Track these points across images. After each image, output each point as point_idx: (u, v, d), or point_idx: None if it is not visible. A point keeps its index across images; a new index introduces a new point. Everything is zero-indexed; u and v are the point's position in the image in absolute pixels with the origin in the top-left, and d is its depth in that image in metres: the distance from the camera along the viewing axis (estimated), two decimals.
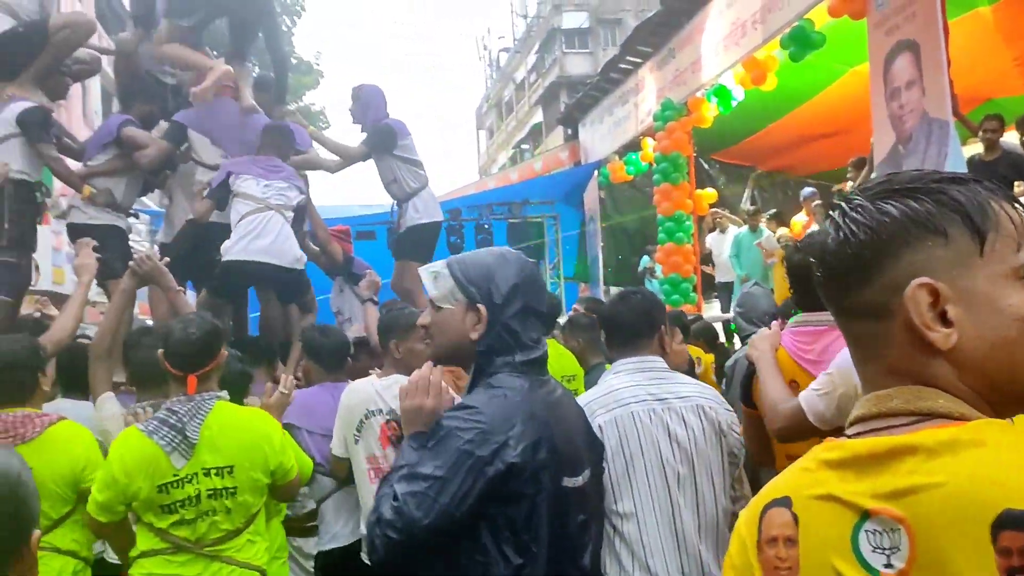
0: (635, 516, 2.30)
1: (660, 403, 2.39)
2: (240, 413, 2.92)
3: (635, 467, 2.32)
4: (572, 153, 14.96)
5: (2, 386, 2.87)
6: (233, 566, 2.73)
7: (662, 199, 10.05)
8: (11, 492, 1.13)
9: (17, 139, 4.73)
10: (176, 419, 2.69)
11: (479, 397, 1.83)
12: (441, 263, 1.92)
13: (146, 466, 2.65)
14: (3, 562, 1.12)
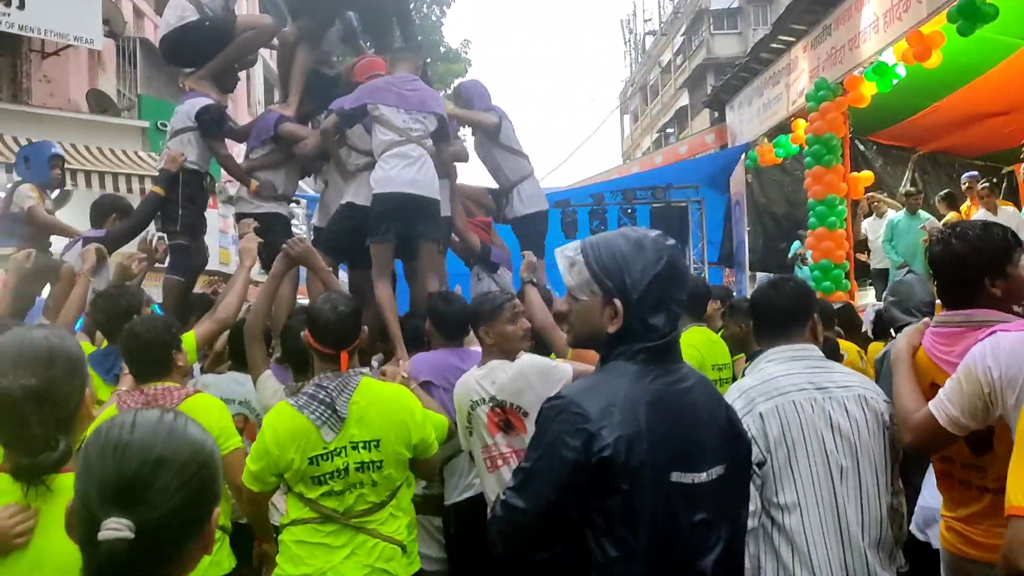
0: (798, 508, 2.23)
1: (821, 392, 2.33)
2: (385, 388, 3.01)
3: (798, 457, 2.25)
4: (718, 136, 14.64)
5: (141, 364, 3.05)
6: (377, 539, 2.82)
7: (814, 182, 9.70)
8: (202, 467, 1.19)
9: (192, 132, 5.14)
10: (325, 394, 2.80)
11: (581, 385, 1.81)
12: (575, 247, 1.86)
13: (298, 439, 2.76)
14: (187, 536, 1.17)
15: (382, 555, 2.83)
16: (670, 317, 1.80)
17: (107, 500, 1.09)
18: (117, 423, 1.17)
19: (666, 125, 38.17)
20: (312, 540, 2.79)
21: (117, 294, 3.82)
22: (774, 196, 12.86)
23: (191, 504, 1.15)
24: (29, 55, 12.93)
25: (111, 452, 1.13)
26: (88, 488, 1.11)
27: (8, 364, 1.65)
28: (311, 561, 2.76)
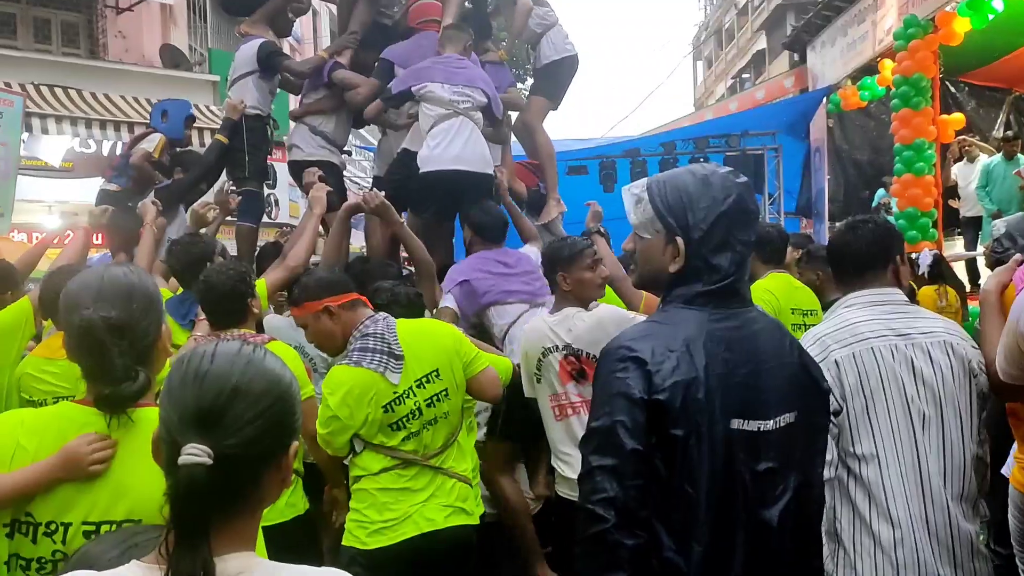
0: (876, 458, 2.14)
1: (902, 339, 2.22)
2: (418, 323, 3.07)
3: (876, 406, 2.17)
4: (798, 79, 14.11)
5: (217, 311, 3.09)
6: (454, 479, 2.90)
7: (901, 126, 9.29)
8: (279, 399, 1.20)
9: (251, 76, 5.15)
10: (376, 340, 2.83)
11: (638, 330, 1.76)
12: (642, 184, 1.82)
13: (365, 393, 2.78)
14: (263, 466, 1.18)
15: (459, 495, 2.90)
16: (735, 258, 1.73)
17: (187, 426, 1.13)
18: (199, 353, 1.20)
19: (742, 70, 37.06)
20: (395, 486, 2.83)
21: (191, 242, 3.87)
22: (857, 142, 12.39)
23: (267, 435, 1.17)
24: (104, 11, 13.19)
25: (191, 380, 1.16)
26: (170, 414, 1.15)
27: (90, 297, 1.71)
28: (396, 506, 2.80)
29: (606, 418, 1.64)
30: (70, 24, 13.10)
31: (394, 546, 2.76)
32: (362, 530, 2.79)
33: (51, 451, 1.66)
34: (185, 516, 1.09)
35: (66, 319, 1.74)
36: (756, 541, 1.64)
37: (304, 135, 5.21)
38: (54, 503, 1.63)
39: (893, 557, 2.08)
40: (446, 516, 2.84)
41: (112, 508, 1.64)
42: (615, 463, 1.61)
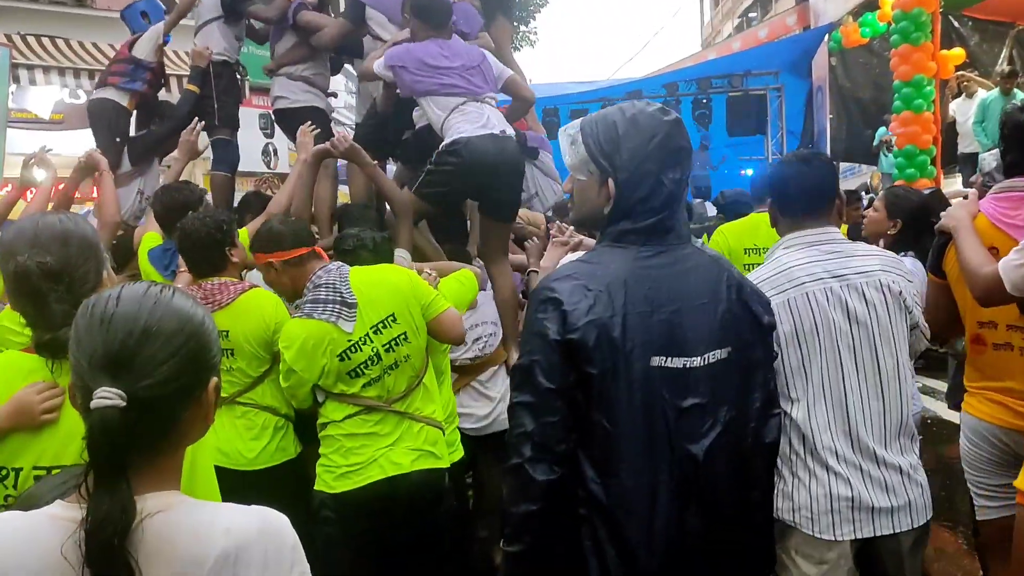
0: (804, 402, 2.14)
1: (838, 280, 2.18)
2: (371, 270, 3.00)
3: (809, 352, 2.15)
4: (800, 17, 13.86)
5: (196, 261, 3.10)
6: (421, 423, 2.87)
7: (900, 62, 9.13)
8: (192, 337, 1.19)
9: (216, 22, 5.03)
10: (328, 291, 2.82)
11: (563, 271, 1.77)
12: (577, 125, 1.82)
13: (319, 345, 2.76)
14: (181, 404, 1.18)
15: (427, 438, 2.88)
16: (665, 195, 1.73)
17: (97, 371, 1.12)
18: (104, 297, 1.19)
19: (748, 9, 36.36)
20: (361, 431, 2.83)
21: (175, 188, 3.82)
22: (860, 80, 12.18)
23: (182, 373, 1.16)
24: None
25: (97, 324, 1.15)
26: (79, 360, 1.14)
27: (25, 244, 1.71)
28: (362, 451, 2.80)
29: (526, 357, 1.68)
30: None
31: (359, 489, 2.76)
32: (329, 474, 2.81)
33: (1, 397, 1.67)
34: (101, 458, 1.08)
35: (3, 267, 1.75)
36: (683, 475, 1.66)
37: (284, 84, 5.10)
38: (5, 450, 1.66)
39: (828, 491, 2.09)
40: (413, 460, 2.82)
41: (62, 452, 1.66)
42: (531, 400, 1.64)
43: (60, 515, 1.10)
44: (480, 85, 3.96)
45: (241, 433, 3.02)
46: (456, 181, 3.86)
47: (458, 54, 4.02)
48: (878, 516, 2.10)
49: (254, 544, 1.12)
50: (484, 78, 4.00)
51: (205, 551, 1.09)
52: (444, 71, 3.95)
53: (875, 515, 2.10)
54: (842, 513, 2.09)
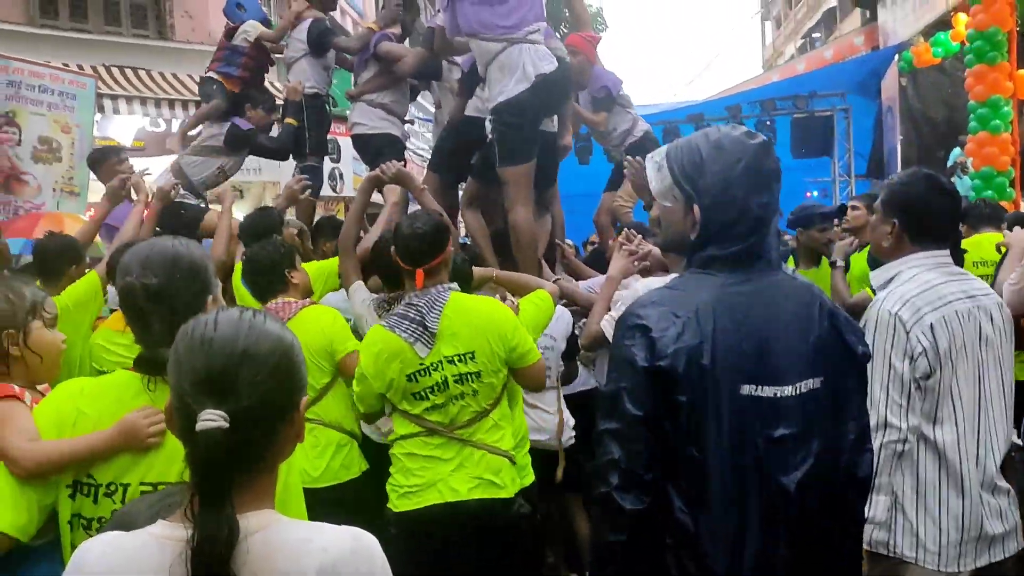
0: (954, 423, 2.16)
1: (971, 300, 2.23)
2: (475, 302, 3.02)
3: (957, 370, 2.18)
4: (869, 37, 13.66)
5: (259, 284, 3.33)
6: (483, 450, 2.85)
7: (975, 82, 8.94)
8: (284, 357, 1.24)
9: (305, 58, 5.27)
10: (415, 312, 2.84)
11: (649, 296, 1.74)
12: (663, 151, 1.80)
13: (393, 358, 2.82)
14: (277, 423, 1.23)
15: (489, 466, 2.86)
16: (752, 221, 1.69)
17: (200, 393, 1.16)
18: (202, 321, 1.24)
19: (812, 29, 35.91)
20: (422, 453, 2.86)
21: (259, 216, 4.10)
22: (931, 100, 11.96)
23: (277, 392, 1.21)
24: None
25: (198, 347, 1.20)
26: (181, 383, 1.19)
27: (136, 264, 1.80)
28: (422, 473, 2.84)
29: (613, 384, 1.66)
30: (138, 6, 13.42)
31: (418, 511, 2.79)
32: (393, 492, 2.86)
33: (110, 416, 1.74)
34: (208, 480, 1.12)
35: (117, 285, 1.84)
36: (773, 506, 1.63)
37: (364, 110, 5.29)
38: (114, 466, 1.72)
39: (960, 522, 2.09)
40: (471, 488, 2.81)
41: (168, 470, 1.72)
42: (619, 427, 1.63)
43: (165, 535, 1.14)
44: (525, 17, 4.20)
45: (306, 451, 3.09)
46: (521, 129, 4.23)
47: None
48: (994, 543, 2.11)
49: (348, 563, 1.16)
50: (532, 10, 4.23)
51: (303, 569, 1.13)
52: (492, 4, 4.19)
53: (992, 542, 2.11)
54: (968, 543, 2.09)
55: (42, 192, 7.84)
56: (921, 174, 2.43)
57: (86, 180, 8.36)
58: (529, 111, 4.23)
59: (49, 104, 7.98)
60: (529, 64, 4.17)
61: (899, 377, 2.14)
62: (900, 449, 2.14)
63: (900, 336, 2.16)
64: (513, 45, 4.19)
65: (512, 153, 4.28)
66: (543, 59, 4.23)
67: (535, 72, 4.15)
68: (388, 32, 5.26)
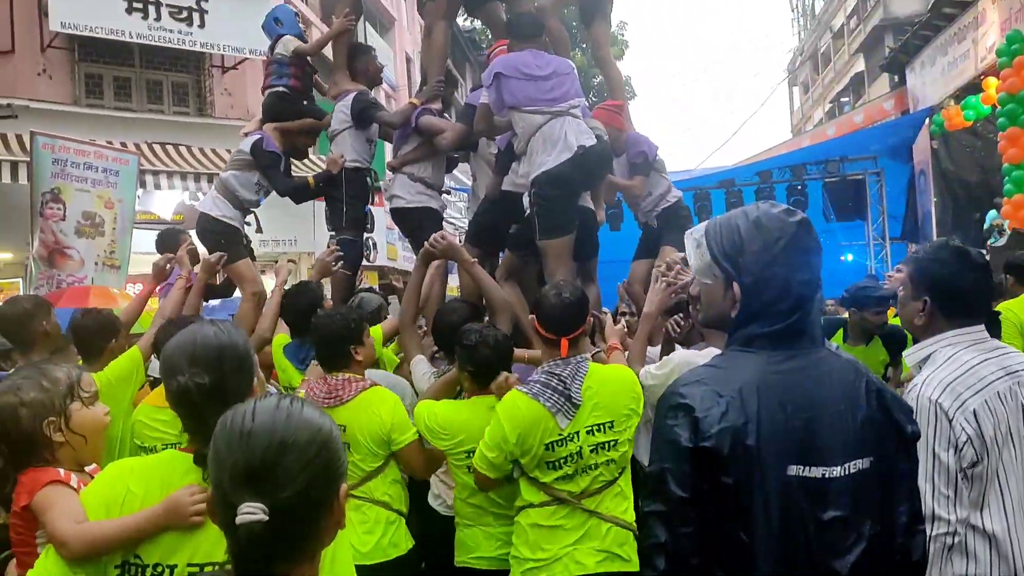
0: (1001, 505, 2.06)
1: (1012, 377, 2.13)
2: (612, 371, 3.08)
3: (1004, 455, 2.08)
4: (898, 102, 13.69)
5: (324, 356, 3.29)
6: (609, 523, 2.85)
7: (1009, 145, 8.90)
8: (323, 447, 1.24)
9: (348, 130, 5.31)
10: (558, 381, 2.87)
11: (692, 375, 1.71)
12: (701, 228, 1.79)
13: (535, 426, 2.84)
14: (318, 512, 1.23)
15: (615, 539, 2.85)
16: (795, 299, 1.67)
17: (239, 485, 1.16)
18: (239, 412, 1.25)
19: (840, 94, 36.15)
20: (547, 523, 2.86)
21: (297, 293, 4.12)
22: (964, 163, 11.88)
23: (317, 482, 1.21)
24: (211, 70, 13.91)
25: (236, 440, 1.20)
26: (221, 475, 1.19)
27: (184, 362, 1.80)
28: (547, 546, 2.83)
29: (657, 464, 1.63)
30: (180, 85, 13.86)
31: None
32: (519, 567, 2.85)
33: (157, 496, 1.75)
34: (249, 572, 1.13)
35: (165, 380, 1.84)
36: None
37: (403, 183, 5.33)
38: (161, 547, 1.72)
39: None
40: (598, 562, 2.80)
41: (214, 550, 1.72)
42: (664, 510, 1.60)
43: None
44: (568, 91, 4.39)
45: (355, 526, 3.07)
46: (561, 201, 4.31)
47: (549, 63, 4.50)
48: None
49: None
50: (574, 84, 4.44)
51: None
52: (536, 80, 4.40)
53: None
54: None
55: (84, 266, 8.02)
56: (950, 248, 2.34)
57: (127, 254, 8.56)
58: (569, 183, 4.30)
59: (93, 180, 8.21)
60: (572, 136, 4.27)
61: (944, 468, 2.05)
62: (950, 542, 2.05)
63: (943, 425, 2.06)
64: (556, 118, 4.31)
65: (552, 225, 4.34)
66: (584, 133, 4.32)
67: (577, 143, 4.23)
68: (430, 106, 5.37)
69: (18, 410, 2.07)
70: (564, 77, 4.39)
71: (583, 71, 21.83)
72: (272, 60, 5.64)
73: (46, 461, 2.10)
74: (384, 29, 22.53)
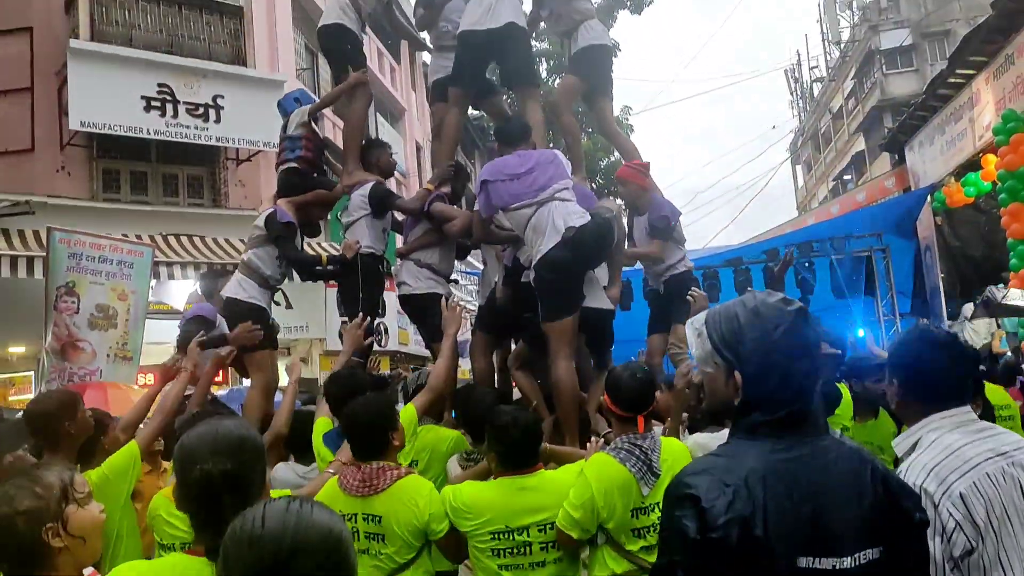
0: None
1: (1004, 458, 2.08)
2: (680, 445, 3.28)
3: (1003, 539, 2.02)
4: (899, 179, 13.85)
5: (359, 443, 3.21)
6: None
7: (1011, 220, 8.95)
8: (334, 551, 1.26)
9: (365, 218, 5.40)
10: (640, 452, 3.04)
11: (697, 465, 1.73)
12: (702, 318, 1.83)
13: (622, 490, 2.99)
14: None
15: None
16: (796, 387, 1.68)
17: None
18: (249, 517, 1.26)
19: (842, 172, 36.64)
20: None
21: (343, 376, 4.11)
22: (969, 238, 11.94)
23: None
24: (225, 163, 14.24)
25: (246, 546, 1.22)
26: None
27: (207, 451, 1.83)
28: None
29: (665, 557, 1.64)
30: (195, 177, 14.17)
31: None
32: None
33: None
34: None
35: (184, 470, 1.84)
36: None
37: (411, 270, 5.40)
38: None
39: None
40: None
41: None
42: None
43: None
44: (551, 177, 4.52)
45: None
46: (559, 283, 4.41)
47: (531, 157, 4.67)
48: None
49: None
50: (557, 169, 4.57)
51: None
52: (520, 177, 4.56)
53: None
54: None
55: (96, 358, 8.08)
56: (915, 332, 2.37)
57: (139, 345, 8.62)
58: (565, 265, 4.38)
59: (108, 273, 8.33)
60: (559, 219, 4.38)
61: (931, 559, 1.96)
62: None
63: (929, 511, 1.98)
64: (543, 206, 4.43)
65: (553, 307, 4.41)
66: (573, 214, 4.42)
67: (564, 225, 4.34)
68: (442, 192, 5.48)
69: (14, 520, 1.98)
70: (547, 165, 4.55)
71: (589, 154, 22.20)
72: (285, 137, 5.78)
73: (47, 569, 2.03)
74: (395, 119, 23.10)
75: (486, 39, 5.36)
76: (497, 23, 5.29)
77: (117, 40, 12.68)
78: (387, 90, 21.81)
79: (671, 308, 5.59)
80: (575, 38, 5.94)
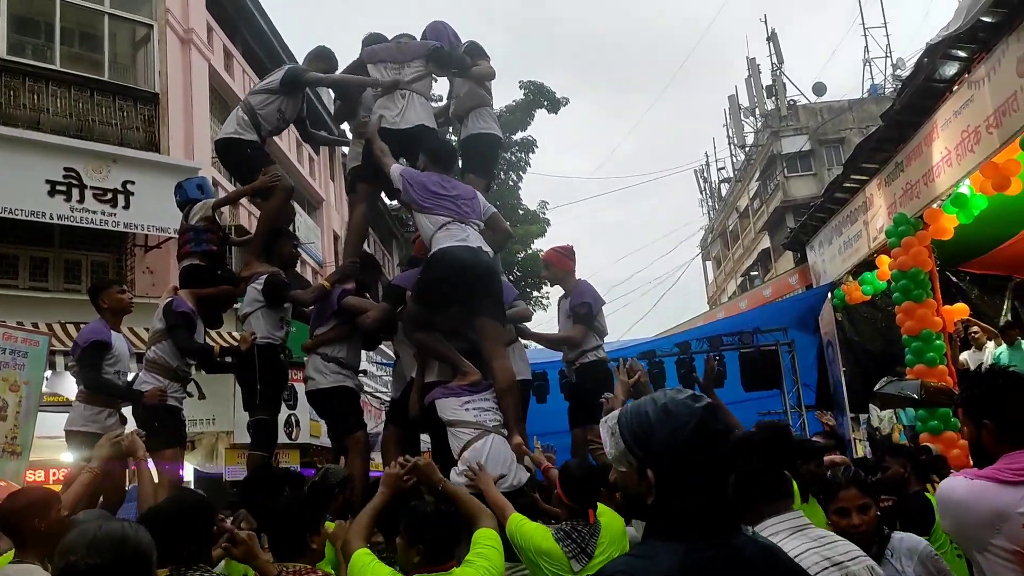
0: None
1: (838, 568, 2.10)
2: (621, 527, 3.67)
3: None
4: (802, 277, 14.42)
5: (278, 542, 3.10)
6: None
7: (906, 317, 9.36)
8: None
9: (261, 309, 5.34)
10: (579, 536, 3.49)
11: (614, 565, 1.69)
12: (615, 416, 1.80)
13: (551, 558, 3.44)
14: None
15: None
16: (709, 485, 1.67)
17: None
18: None
19: (750, 268, 37.98)
20: None
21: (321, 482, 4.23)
22: (868, 333, 12.44)
23: None
24: (133, 250, 13.87)
25: None
26: None
27: (83, 545, 1.80)
28: None
29: None
30: (100, 264, 13.73)
31: None
32: None
33: None
34: None
35: (56, 562, 1.82)
36: None
37: (318, 365, 5.32)
38: None
39: None
40: None
41: None
42: None
43: None
44: (468, 212, 5.09)
45: None
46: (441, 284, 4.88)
47: (455, 187, 5.18)
48: None
49: None
50: (473, 208, 5.15)
51: None
52: (441, 197, 5.04)
53: None
54: None
55: None
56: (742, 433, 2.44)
57: (29, 440, 8.12)
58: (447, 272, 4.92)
59: None
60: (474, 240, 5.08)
61: None
62: None
63: None
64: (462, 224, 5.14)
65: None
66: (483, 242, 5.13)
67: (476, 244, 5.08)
68: (347, 288, 5.45)
69: None
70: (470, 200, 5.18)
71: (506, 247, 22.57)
72: (189, 227, 5.69)
73: None
74: (312, 208, 23.05)
75: (395, 138, 5.48)
76: (407, 125, 5.44)
77: (23, 124, 12.40)
78: (305, 180, 21.81)
79: (587, 398, 5.65)
80: (465, 122, 6.13)
